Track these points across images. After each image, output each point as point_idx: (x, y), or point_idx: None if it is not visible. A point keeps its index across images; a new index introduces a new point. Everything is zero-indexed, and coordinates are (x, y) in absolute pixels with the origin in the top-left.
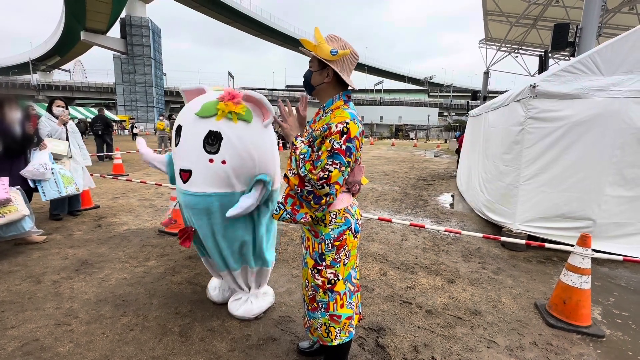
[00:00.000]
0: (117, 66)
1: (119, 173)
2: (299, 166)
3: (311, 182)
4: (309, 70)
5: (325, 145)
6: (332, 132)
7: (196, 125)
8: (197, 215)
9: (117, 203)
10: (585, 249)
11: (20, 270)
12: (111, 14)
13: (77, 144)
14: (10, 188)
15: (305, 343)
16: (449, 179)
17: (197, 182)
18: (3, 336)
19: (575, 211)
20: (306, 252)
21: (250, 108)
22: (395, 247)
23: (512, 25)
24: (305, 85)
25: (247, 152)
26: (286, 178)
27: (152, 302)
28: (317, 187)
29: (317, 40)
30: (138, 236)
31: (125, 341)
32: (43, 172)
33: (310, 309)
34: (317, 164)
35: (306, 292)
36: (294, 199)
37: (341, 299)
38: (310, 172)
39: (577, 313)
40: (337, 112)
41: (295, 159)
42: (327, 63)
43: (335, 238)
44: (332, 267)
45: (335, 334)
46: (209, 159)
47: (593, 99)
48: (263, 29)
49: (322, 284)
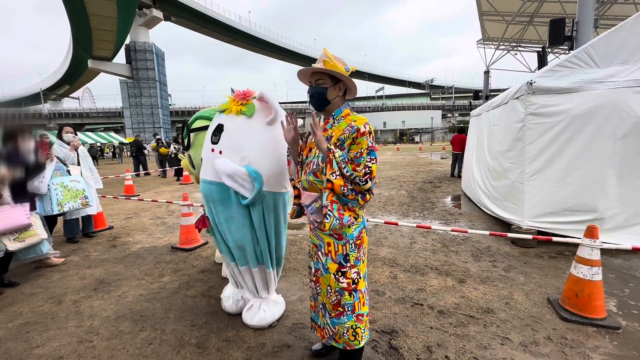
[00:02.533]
0: (124, 90)
1: (130, 194)
2: (341, 167)
3: (356, 179)
4: (322, 87)
5: (364, 144)
6: (361, 132)
7: (215, 120)
8: (204, 201)
9: (130, 223)
10: (593, 240)
11: (42, 292)
12: (116, 41)
13: (88, 167)
14: (31, 212)
15: (318, 345)
16: (456, 179)
17: (204, 169)
18: (30, 355)
19: (582, 204)
20: (326, 259)
21: (258, 106)
22: (404, 251)
23: (508, 23)
24: (320, 100)
25: (239, 143)
26: (330, 183)
27: (169, 316)
28: (362, 184)
29: (332, 60)
30: (152, 253)
31: (144, 355)
32: (38, 187)
33: (334, 315)
34: (358, 161)
35: (328, 299)
36: (338, 204)
37: (363, 297)
38: (355, 171)
39: (590, 305)
40: (351, 117)
41: (337, 162)
42: (342, 79)
43: (356, 237)
44: (356, 266)
45: (361, 335)
46: (211, 148)
47: (591, 92)
48: (263, 45)
49: (348, 286)
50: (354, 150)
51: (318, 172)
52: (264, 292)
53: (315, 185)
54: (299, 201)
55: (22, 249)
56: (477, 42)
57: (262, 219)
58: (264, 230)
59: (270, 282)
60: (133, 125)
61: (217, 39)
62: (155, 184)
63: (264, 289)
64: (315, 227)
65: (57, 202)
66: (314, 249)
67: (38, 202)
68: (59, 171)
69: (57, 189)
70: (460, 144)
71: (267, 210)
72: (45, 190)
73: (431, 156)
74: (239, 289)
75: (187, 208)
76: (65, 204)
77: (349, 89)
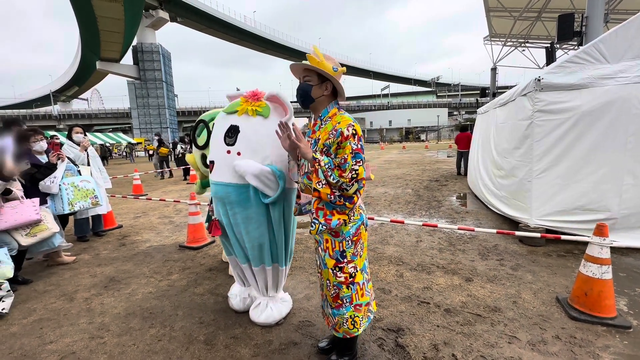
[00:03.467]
0: (132, 91)
1: (138, 193)
2: (327, 175)
3: (342, 185)
4: (307, 84)
5: (347, 149)
6: (345, 136)
7: (222, 121)
8: (218, 203)
9: (139, 222)
10: (603, 238)
11: (54, 289)
12: (123, 42)
13: (97, 167)
14: (41, 207)
15: (323, 342)
16: (463, 178)
17: (218, 171)
18: (43, 351)
19: (593, 202)
20: (324, 254)
21: (271, 106)
22: (410, 249)
23: (515, 19)
24: (303, 97)
25: (261, 144)
26: (316, 192)
27: (177, 313)
28: (348, 188)
29: (320, 57)
30: (160, 252)
31: (154, 351)
32: (49, 186)
33: (334, 307)
34: (344, 167)
35: (328, 292)
36: (324, 210)
37: (361, 289)
38: (341, 177)
39: (600, 304)
40: (337, 117)
41: (322, 170)
42: (329, 77)
43: (353, 234)
44: (353, 261)
45: (360, 322)
46: (227, 150)
47: (601, 88)
48: (268, 44)
49: (345, 280)
50: (340, 155)
51: (311, 175)
52: (272, 290)
53: (309, 187)
54: (299, 201)
55: (35, 243)
56: (484, 39)
57: (282, 215)
58: (283, 226)
59: (281, 280)
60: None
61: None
62: (162, 183)
63: (273, 288)
64: None
65: (68, 201)
66: (316, 245)
67: (50, 202)
68: (70, 171)
69: (68, 189)
70: (465, 142)
71: (287, 206)
72: (56, 190)
73: (437, 154)
74: (245, 287)
75: (195, 207)
76: (76, 203)
77: (338, 91)
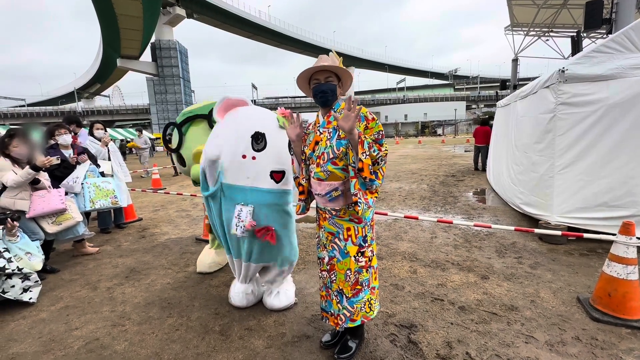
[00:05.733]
0: (150, 88)
1: (157, 187)
2: (370, 147)
3: (379, 159)
4: (333, 84)
5: (378, 127)
6: (370, 118)
7: (280, 134)
8: (261, 211)
9: (158, 215)
10: (629, 237)
11: (79, 278)
12: (142, 40)
13: (118, 162)
14: (65, 197)
15: (327, 336)
16: (480, 173)
17: (258, 178)
18: (70, 336)
19: (619, 199)
20: (345, 243)
21: None
22: (425, 245)
23: (539, 7)
24: (332, 96)
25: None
26: (360, 162)
27: (194, 304)
28: (381, 163)
29: (338, 60)
30: (178, 244)
31: (172, 340)
32: (72, 186)
33: (352, 295)
34: (381, 142)
35: (346, 283)
36: (362, 191)
37: (375, 272)
38: (380, 150)
39: (624, 306)
40: None
41: (368, 142)
42: (347, 77)
43: (371, 219)
44: (371, 245)
45: (374, 305)
46: (252, 156)
47: (630, 78)
48: (283, 38)
49: (366, 263)
50: (369, 134)
51: (337, 160)
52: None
53: (335, 173)
54: (305, 197)
55: (61, 231)
56: (504, 29)
57: None
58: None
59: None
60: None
61: (238, 35)
62: (180, 178)
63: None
64: (333, 215)
65: (89, 199)
66: (329, 238)
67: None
68: (92, 172)
69: (89, 188)
70: (483, 137)
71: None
72: (79, 189)
73: (454, 149)
74: (247, 283)
75: None
76: (97, 202)
77: (345, 88)
